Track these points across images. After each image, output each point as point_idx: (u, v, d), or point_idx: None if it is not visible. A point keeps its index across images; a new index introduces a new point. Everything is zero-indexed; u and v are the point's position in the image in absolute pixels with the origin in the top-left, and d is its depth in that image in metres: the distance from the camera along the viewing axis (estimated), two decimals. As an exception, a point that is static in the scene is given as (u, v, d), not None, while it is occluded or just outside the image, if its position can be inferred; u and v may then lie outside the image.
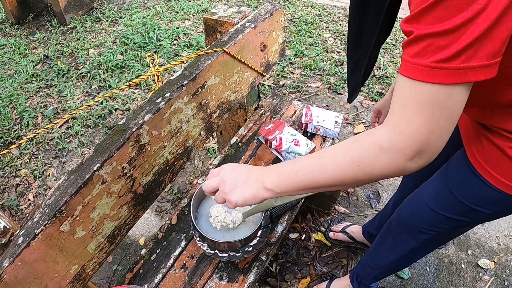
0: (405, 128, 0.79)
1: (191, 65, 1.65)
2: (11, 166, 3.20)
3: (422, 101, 0.75)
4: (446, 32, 0.69)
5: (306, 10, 5.06)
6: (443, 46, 0.70)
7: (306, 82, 3.91)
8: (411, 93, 0.76)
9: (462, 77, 0.71)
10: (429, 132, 0.77)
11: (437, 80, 0.72)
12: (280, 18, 2.07)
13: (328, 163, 0.92)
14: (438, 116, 0.75)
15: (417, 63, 0.73)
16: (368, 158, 0.85)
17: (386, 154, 0.83)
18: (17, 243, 1.12)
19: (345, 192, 2.85)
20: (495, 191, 1.13)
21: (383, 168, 0.84)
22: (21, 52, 4.53)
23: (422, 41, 0.72)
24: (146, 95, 3.79)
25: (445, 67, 0.70)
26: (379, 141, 0.83)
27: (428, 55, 0.72)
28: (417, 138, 0.78)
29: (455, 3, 0.67)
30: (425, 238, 1.48)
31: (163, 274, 1.60)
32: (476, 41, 0.68)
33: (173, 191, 2.93)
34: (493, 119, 1.06)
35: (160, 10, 5.18)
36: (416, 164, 0.82)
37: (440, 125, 0.76)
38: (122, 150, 1.33)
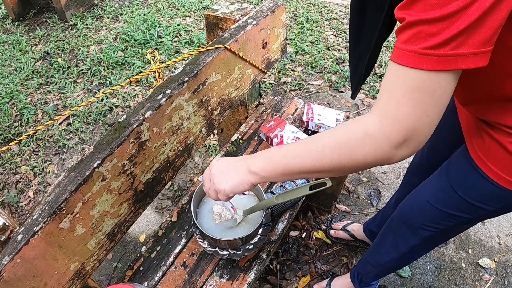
0: (392, 114, 0.78)
1: (192, 61, 1.64)
2: (11, 163, 3.20)
3: (411, 87, 0.75)
4: (437, 19, 0.68)
5: (308, 8, 5.05)
6: (433, 33, 0.69)
7: (307, 79, 3.90)
8: (400, 79, 0.76)
9: (451, 64, 0.71)
10: (417, 119, 0.76)
11: (427, 66, 0.72)
12: (282, 15, 2.06)
13: (314, 147, 0.92)
14: (427, 103, 0.75)
15: (407, 49, 0.73)
16: (352, 142, 0.85)
17: (371, 139, 0.82)
18: (17, 240, 1.11)
19: (346, 190, 2.84)
20: (496, 187, 1.13)
21: (367, 154, 0.83)
22: (22, 48, 4.53)
23: (413, 27, 0.72)
24: (147, 92, 3.78)
25: (435, 53, 0.70)
26: (365, 126, 0.83)
27: (418, 42, 0.71)
28: (404, 124, 0.77)
29: None
30: (426, 235, 1.47)
31: (163, 272, 1.60)
32: (466, 29, 0.67)
33: (173, 189, 2.92)
34: (493, 115, 1.06)
35: (161, 7, 5.17)
36: (402, 153, 0.81)
37: (428, 113, 0.76)
38: (122, 147, 1.32)
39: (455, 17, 0.67)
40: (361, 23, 1.13)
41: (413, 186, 1.59)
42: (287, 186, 1.75)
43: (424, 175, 1.55)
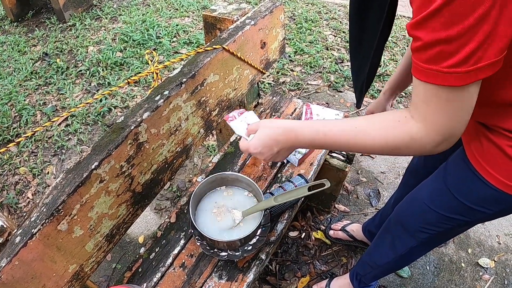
0: (434, 123, 0.87)
1: (190, 62, 1.64)
2: (10, 164, 3.20)
3: (443, 100, 0.83)
4: (454, 38, 0.73)
5: (306, 8, 5.04)
6: (452, 52, 0.74)
7: (306, 79, 3.90)
8: (432, 93, 0.83)
9: (473, 77, 0.77)
10: (454, 125, 0.86)
11: (451, 83, 0.78)
12: (280, 15, 2.06)
13: (361, 137, 1.02)
14: (459, 111, 0.84)
15: (431, 69, 0.79)
16: (400, 144, 0.95)
17: (417, 143, 0.92)
18: (15, 243, 1.11)
19: (345, 190, 2.84)
20: (493, 190, 1.13)
21: (411, 152, 0.97)
22: (20, 49, 4.52)
23: (431, 48, 0.76)
24: (146, 92, 3.78)
25: (457, 71, 0.76)
26: (410, 132, 0.92)
27: (439, 61, 0.77)
28: (444, 130, 0.87)
29: (460, 9, 0.69)
30: (423, 237, 1.47)
31: (162, 273, 1.59)
32: (483, 43, 0.72)
33: (172, 189, 2.92)
34: (493, 118, 1.06)
35: (160, 7, 5.17)
36: (442, 147, 0.92)
37: (461, 117, 0.86)
38: (120, 148, 1.32)
39: (471, 33, 0.71)
40: (361, 31, 1.18)
41: (412, 187, 1.59)
42: (286, 187, 1.74)
43: (422, 176, 1.55)
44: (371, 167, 3.02)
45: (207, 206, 1.68)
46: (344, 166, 2.24)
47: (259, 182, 1.92)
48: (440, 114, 0.86)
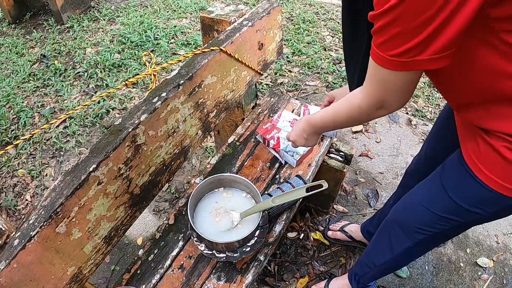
0: (371, 93, 1.10)
1: (187, 64, 1.64)
2: (8, 166, 3.20)
3: (379, 78, 1.02)
4: (399, 34, 0.87)
5: (304, 8, 5.05)
6: (396, 45, 0.89)
7: (304, 80, 3.91)
8: (375, 70, 1.02)
9: (409, 67, 0.92)
10: (385, 96, 1.06)
11: (390, 67, 0.94)
12: (278, 16, 2.06)
13: (338, 116, 1.32)
14: (391, 88, 1.03)
15: (379, 53, 0.94)
16: (353, 113, 1.22)
17: (362, 109, 1.17)
18: (13, 245, 1.11)
19: (343, 191, 2.84)
20: (489, 191, 1.13)
21: (363, 117, 1.21)
22: (18, 51, 4.52)
23: (382, 37, 0.91)
24: (144, 94, 3.78)
25: (396, 60, 0.91)
26: (356, 102, 1.17)
27: (386, 49, 0.92)
28: (377, 98, 1.09)
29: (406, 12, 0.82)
30: (419, 238, 1.47)
31: (161, 275, 1.59)
32: (423, 42, 0.85)
33: (171, 191, 2.92)
34: (489, 121, 1.07)
35: (158, 9, 5.17)
36: (382, 112, 1.14)
37: (393, 94, 1.05)
38: (118, 150, 1.32)
39: (413, 33, 0.84)
40: (354, 37, 1.34)
41: (410, 188, 1.60)
42: (284, 188, 1.75)
43: (422, 178, 1.56)
44: (369, 167, 3.03)
45: (205, 207, 1.68)
46: (342, 167, 2.24)
47: (257, 183, 1.92)
48: (376, 87, 1.07)
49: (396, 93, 1.04)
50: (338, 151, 2.32)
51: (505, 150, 1.04)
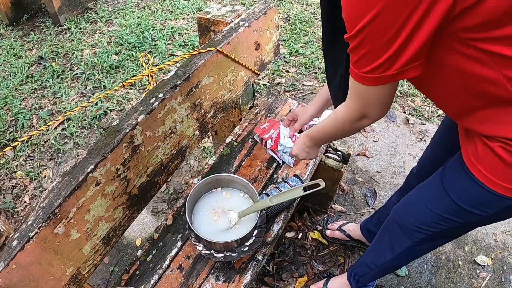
0: (352, 106, 1.18)
1: (184, 65, 1.64)
2: (7, 168, 3.19)
3: (357, 92, 1.11)
4: (367, 53, 0.94)
5: (301, 9, 5.05)
6: (366, 63, 0.97)
7: (302, 80, 3.91)
8: (353, 85, 1.11)
9: (381, 81, 1.00)
10: (364, 109, 1.15)
11: (365, 83, 1.03)
12: (274, 17, 2.07)
13: (329, 131, 1.43)
14: (368, 102, 1.12)
15: (353, 70, 1.03)
16: (339, 125, 1.32)
17: (345, 121, 1.27)
18: (12, 246, 1.12)
19: (341, 190, 2.85)
20: (487, 192, 1.14)
21: (348, 128, 1.30)
22: (16, 53, 4.51)
23: (355, 56, 0.99)
24: (141, 95, 3.77)
25: (368, 76, 1.00)
26: (340, 116, 1.28)
27: (359, 67, 1.00)
28: (358, 112, 1.18)
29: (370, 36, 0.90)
30: (419, 237, 1.48)
31: (159, 275, 1.60)
32: (389, 59, 0.92)
33: (169, 192, 2.92)
34: (480, 127, 1.10)
35: (155, 10, 5.17)
36: (367, 122, 1.22)
37: (371, 105, 1.13)
38: (115, 151, 1.32)
39: (379, 52, 0.92)
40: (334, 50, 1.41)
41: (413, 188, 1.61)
42: (281, 188, 1.75)
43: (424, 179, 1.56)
44: (367, 167, 3.03)
45: (203, 207, 1.69)
46: (339, 166, 2.24)
47: (254, 183, 1.92)
48: (355, 101, 1.15)
49: (374, 105, 1.13)
50: (335, 151, 2.32)
51: (501, 150, 1.05)
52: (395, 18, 0.84)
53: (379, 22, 0.86)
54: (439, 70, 1.03)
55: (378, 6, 0.83)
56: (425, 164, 1.86)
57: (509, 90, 0.95)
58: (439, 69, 1.02)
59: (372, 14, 0.85)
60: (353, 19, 0.91)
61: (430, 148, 1.82)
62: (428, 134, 3.27)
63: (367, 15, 0.86)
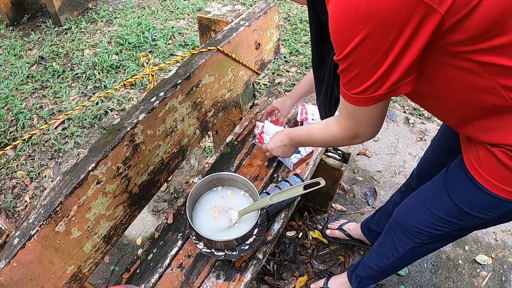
0: (342, 125, 1.21)
1: (185, 64, 1.65)
2: (7, 168, 3.20)
3: (349, 112, 1.13)
4: (356, 76, 0.96)
5: (301, 8, 5.05)
6: (355, 85, 0.98)
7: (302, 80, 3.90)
8: (344, 105, 1.11)
9: (371, 102, 1.00)
10: (355, 129, 1.17)
11: (355, 103, 1.04)
12: (275, 16, 2.07)
13: (315, 140, 1.46)
14: (359, 122, 1.13)
15: (343, 90, 1.04)
16: (328, 140, 1.34)
17: (336, 138, 1.28)
18: (13, 244, 1.12)
19: (341, 189, 2.85)
20: (489, 195, 1.15)
21: (338, 144, 1.33)
22: (16, 53, 4.52)
23: (344, 78, 1.01)
24: (142, 95, 3.78)
25: (358, 97, 1.00)
26: (331, 131, 1.29)
27: (349, 88, 1.01)
28: (349, 131, 1.20)
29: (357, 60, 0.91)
30: (422, 239, 1.49)
31: (160, 274, 1.60)
32: (377, 81, 0.93)
33: (169, 191, 2.93)
34: (479, 135, 1.11)
35: (155, 10, 5.17)
36: (358, 141, 1.23)
37: (362, 126, 1.14)
38: (116, 149, 1.33)
39: (367, 74, 0.93)
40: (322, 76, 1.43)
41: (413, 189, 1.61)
42: (282, 187, 1.75)
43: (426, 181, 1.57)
44: (367, 166, 3.03)
45: (203, 206, 1.69)
46: (340, 165, 2.25)
47: (255, 182, 1.93)
48: (347, 121, 1.17)
49: (365, 125, 1.14)
50: (336, 150, 2.32)
51: (502, 155, 1.06)
52: (382, 41, 0.85)
53: (367, 45, 0.87)
54: (434, 84, 1.03)
55: (365, 30, 0.84)
56: (425, 165, 1.86)
57: (505, 98, 0.96)
58: (434, 83, 1.03)
59: (359, 38, 0.86)
60: (341, 43, 0.92)
61: (430, 150, 1.82)
62: (428, 134, 3.27)
63: (355, 39, 0.87)
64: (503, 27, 0.83)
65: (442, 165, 1.42)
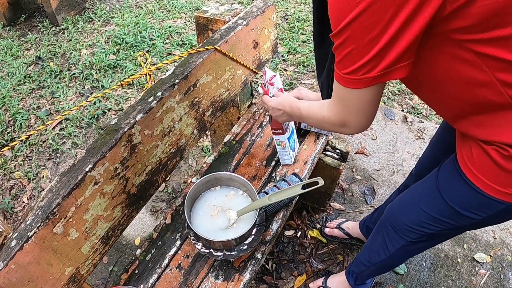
0: (332, 110, 1.16)
1: (182, 63, 1.64)
2: (5, 168, 3.19)
3: (338, 95, 1.10)
4: (348, 53, 0.92)
5: (299, 7, 5.05)
6: (348, 64, 0.95)
7: (300, 79, 3.91)
8: (335, 88, 1.08)
9: (362, 84, 0.96)
10: (344, 116, 1.12)
11: (345, 84, 1.00)
12: (272, 15, 2.07)
13: (310, 117, 1.40)
14: (349, 107, 1.08)
15: (336, 71, 1.01)
16: (321, 121, 1.28)
17: (326, 122, 1.24)
18: (11, 246, 1.11)
19: (340, 188, 2.85)
20: (480, 194, 1.15)
21: (328, 128, 1.27)
22: (13, 53, 4.51)
23: (338, 54, 0.97)
24: (139, 94, 3.77)
25: (349, 78, 0.97)
26: (322, 114, 1.24)
27: (341, 67, 0.97)
28: (339, 117, 1.15)
29: (354, 34, 0.88)
30: (413, 237, 1.48)
31: (159, 274, 1.60)
32: (371, 60, 0.89)
33: (167, 191, 2.92)
34: (474, 131, 1.10)
35: (152, 9, 5.17)
36: (346, 131, 1.19)
37: (352, 112, 1.09)
38: (114, 150, 1.32)
39: (360, 52, 0.90)
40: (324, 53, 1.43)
41: None
42: (280, 186, 1.75)
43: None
44: (365, 165, 3.03)
45: (202, 206, 1.69)
46: (338, 164, 2.25)
47: (253, 181, 1.92)
48: (337, 106, 1.13)
49: (355, 113, 1.09)
50: (334, 149, 2.32)
51: (495, 153, 1.05)
52: (380, 16, 0.82)
53: (363, 19, 0.84)
54: (430, 74, 1.02)
55: (363, 4, 0.81)
56: (424, 164, 1.86)
57: (502, 94, 0.95)
58: (430, 73, 1.01)
59: (356, 12, 0.83)
60: (337, 16, 0.89)
61: (429, 149, 1.82)
62: (426, 132, 3.27)
63: (351, 12, 0.84)
64: (505, 18, 0.82)
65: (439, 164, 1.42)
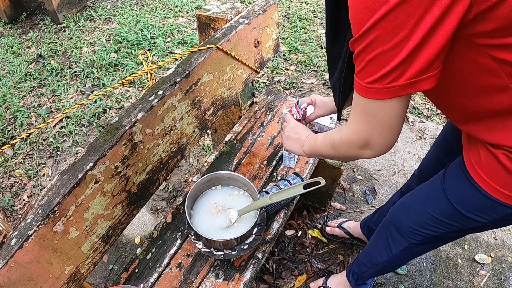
0: (353, 127, 1.04)
1: (184, 62, 1.64)
2: (5, 166, 3.19)
3: (360, 109, 0.97)
4: (372, 59, 0.84)
5: (301, 6, 5.05)
6: (372, 72, 0.85)
7: (301, 78, 3.90)
8: (356, 101, 0.97)
9: (388, 94, 0.87)
10: (368, 133, 0.99)
11: (369, 96, 0.90)
12: (274, 14, 2.06)
13: (324, 149, 1.28)
14: (373, 122, 0.96)
15: (357, 81, 0.91)
16: (337, 146, 1.17)
17: (344, 143, 1.12)
18: (10, 245, 1.11)
19: (341, 188, 2.84)
20: (486, 198, 1.14)
21: (344, 151, 1.15)
22: (15, 51, 4.51)
23: (359, 65, 0.88)
24: (140, 93, 3.76)
25: (374, 87, 0.87)
26: (340, 135, 1.13)
27: (364, 76, 0.88)
28: (360, 135, 1.02)
29: (380, 38, 0.80)
30: (416, 239, 1.48)
31: (159, 273, 1.59)
32: (398, 68, 0.81)
33: (168, 190, 2.92)
34: (484, 134, 1.09)
35: (154, 8, 5.16)
36: (368, 153, 1.06)
37: (377, 129, 0.97)
38: (115, 148, 1.32)
39: (386, 58, 0.81)
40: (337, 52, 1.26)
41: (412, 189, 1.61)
42: (281, 186, 1.74)
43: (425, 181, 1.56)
44: (366, 165, 3.03)
45: (202, 205, 1.68)
46: (339, 164, 2.24)
47: (254, 181, 1.92)
48: (359, 122, 1.00)
49: (379, 129, 0.97)
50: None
51: (504, 158, 1.04)
52: (409, 15, 0.75)
53: (392, 18, 0.76)
54: (448, 79, 0.96)
55: (390, 3, 0.75)
56: (426, 166, 1.85)
57: None
58: (448, 78, 0.95)
59: (385, 9, 0.75)
60: (360, 18, 0.81)
61: (432, 151, 1.81)
62: (428, 132, 3.26)
63: (379, 10, 0.76)
64: None
65: (442, 166, 1.41)
